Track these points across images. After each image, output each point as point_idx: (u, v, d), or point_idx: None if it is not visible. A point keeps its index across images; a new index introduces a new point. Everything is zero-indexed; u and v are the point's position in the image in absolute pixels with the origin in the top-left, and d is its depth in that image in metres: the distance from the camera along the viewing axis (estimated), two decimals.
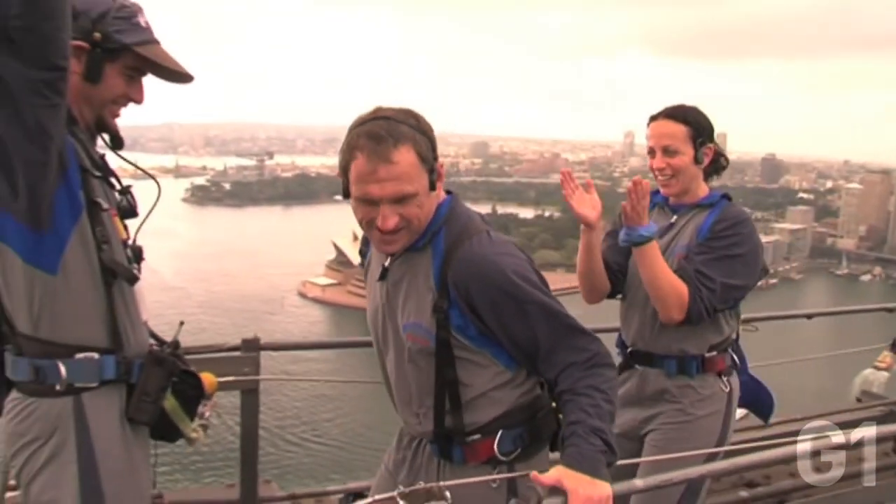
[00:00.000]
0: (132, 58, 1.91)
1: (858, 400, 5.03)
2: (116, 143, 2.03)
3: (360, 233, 2.01)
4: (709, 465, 2.54)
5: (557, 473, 1.65)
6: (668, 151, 2.65)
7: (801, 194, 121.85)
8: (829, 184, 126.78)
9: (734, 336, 2.79)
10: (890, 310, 5.35)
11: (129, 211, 2.01)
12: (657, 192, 2.78)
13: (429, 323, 1.87)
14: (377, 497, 1.72)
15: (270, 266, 76.55)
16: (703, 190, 2.75)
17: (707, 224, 2.65)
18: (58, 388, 1.82)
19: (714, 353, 2.69)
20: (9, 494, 3.09)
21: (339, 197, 1.90)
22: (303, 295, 72.78)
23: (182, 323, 2.13)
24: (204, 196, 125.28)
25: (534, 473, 1.70)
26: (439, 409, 1.92)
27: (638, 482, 1.95)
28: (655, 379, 2.73)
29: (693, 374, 2.68)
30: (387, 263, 1.96)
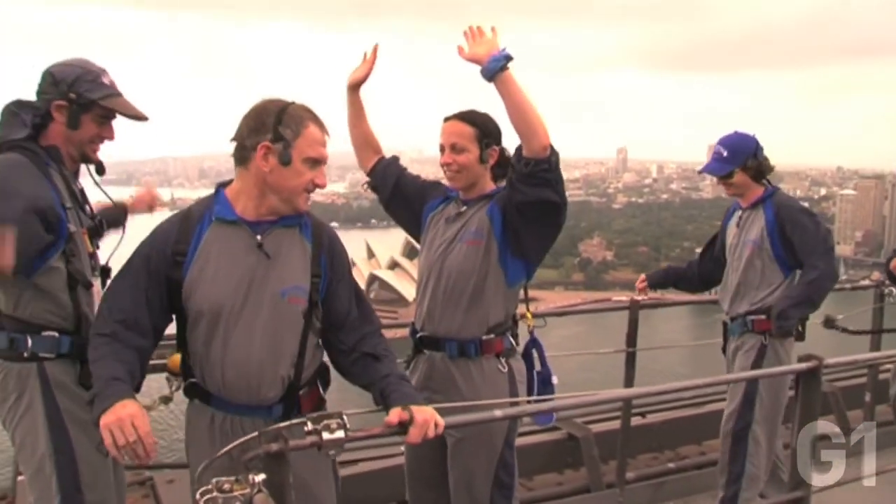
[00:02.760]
0: (99, 108, 2.47)
1: None
2: (99, 171, 2.61)
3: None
4: (514, 409, 2.79)
5: (396, 412, 2.06)
6: (455, 149, 2.82)
7: None
8: (823, 191, 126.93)
9: (512, 321, 2.91)
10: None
11: (97, 231, 2.59)
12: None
13: (305, 284, 2.23)
14: (281, 425, 1.96)
15: None
16: (489, 187, 2.91)
17: (495, 209, 2.79)
18: (25, 354, 2.35)
19: (492, 336, 2.83)
20: None
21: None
22: None
23: None
24: None
25: (386, 419, 2.07)
26: (299, 365, 2.24)
27: (498, 412, 2.45)
28: (441, 362, 2.86)
29: (472, 356, 2.82)
30: (260, 238, 2.20)
